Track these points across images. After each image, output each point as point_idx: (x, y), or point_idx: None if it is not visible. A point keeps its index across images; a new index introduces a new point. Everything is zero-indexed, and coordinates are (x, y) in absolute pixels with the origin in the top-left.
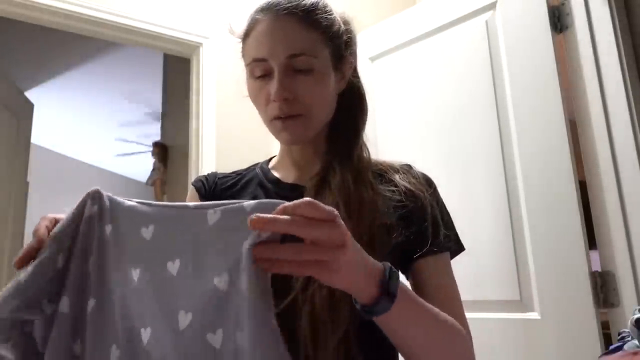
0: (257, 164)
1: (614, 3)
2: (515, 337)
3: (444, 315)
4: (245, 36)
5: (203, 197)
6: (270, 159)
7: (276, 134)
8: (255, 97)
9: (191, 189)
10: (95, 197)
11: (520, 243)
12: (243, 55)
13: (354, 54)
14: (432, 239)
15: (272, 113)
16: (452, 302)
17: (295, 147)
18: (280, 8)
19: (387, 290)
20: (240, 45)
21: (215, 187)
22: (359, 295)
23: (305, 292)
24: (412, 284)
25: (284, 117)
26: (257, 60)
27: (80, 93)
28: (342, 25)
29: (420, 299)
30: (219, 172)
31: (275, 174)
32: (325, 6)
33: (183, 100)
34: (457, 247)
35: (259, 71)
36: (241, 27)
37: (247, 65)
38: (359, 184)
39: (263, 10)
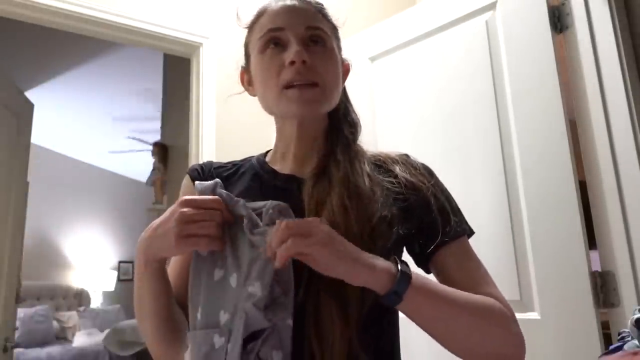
0: (252, 156)
1: (614, 3)
2: None
3: (473, 297)
4: (254, 22)
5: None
6: (267, 152)
7: (288, 104)
8: (267, 66)
9: (186, 178)
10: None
11: (520, 243)
12: (250, 38)
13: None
14: (443, 229)
15: (287, 78)
16: (481, 284)
17: (294, 139)
18: (292, 1)
19: (395, 286)
20: (246, 33)
21: (211, 177)
22: (372, 287)
23: (309, 289)
24: (437, 277)
25: (300, 85)
26: (272, 30)
27: (80, 93)
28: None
29: (437, 285)
30: (214, 161)
31: (272, 165)
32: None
33: (183, 100)
34: (469, 231)
35: (271, 40)
36: (249, 16)
37: (259, 38)
38: (356, 175)
39: (273, 2)
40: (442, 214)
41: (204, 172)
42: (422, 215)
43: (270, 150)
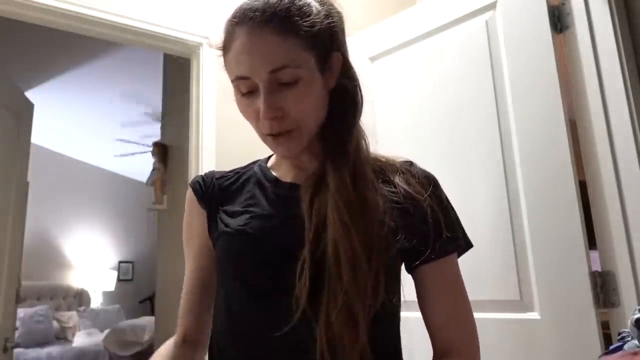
0: (256, 162)
1: (614, 3)
2: (515, 337)
3: None
4: (225, 50)
5: (200, 198)
6: (270, 156)
7: (272, 148)
8: (244, 113)
9: (189, 191)
10: None
11: (520, 243)
12: (226, 70)
13: (341, 45)
14: (433, 245)
15: (264, 130)
16: (448, 325)
17: None
18: (255, 19)
19: None
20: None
21: (213, 188)
22: None
23: (316, 305)
24: (416, 288)
25: (276, 134)
26: (240, 79)
27: (80, 93)
28: (324, 20)
29: None
30: (217, 170)
31: (274, 172)
32: (300, 8)
33: (183, 100)
34: (464, 246)
35: (245, 88)
36: (219, 38)
37: (232, 81)
38: (359, 183)
39: (238, 21)
40: (435, 228)
41: (206, 184)
42: (418, 227)
43: (273, 154)
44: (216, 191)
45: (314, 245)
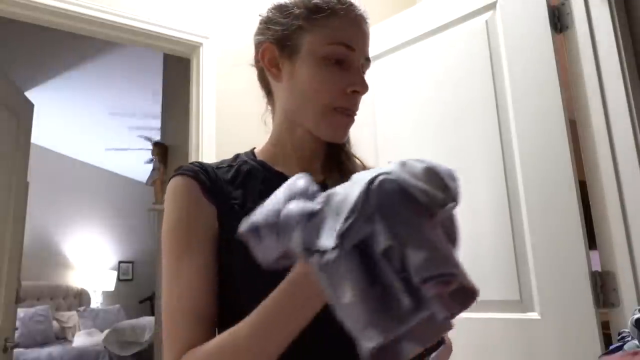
0: (238, 156)
1: (614, 3)
2: (515, 337)
3: None
4: (326, 12)
5: (208, 191)
6: (253, 150)
7: (326, 126)
8: (327, 81)
9: (187, 182)
10: None
11: (520, 243)
12: (312, 28)
13: None
14: None
15: (341, 104)
16: None
17: (304, 146)
18: (359, 8)
19: None
20: (301, 15)
21: (217, 180)
22: None
23: None
24: None
25: (348, 114)
26: (346, 46)
27: (80, 93)
28: None
29: None
30: (203, 162)
31: (274, 166)
32: None
33: (183, 100)
34: None
35: (339, 55)
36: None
37: (327, 44)
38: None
39: (342, 1)
40: None
41: (210, 176)
42: None
43: (258, 148)
44: (222, 184)
45: None
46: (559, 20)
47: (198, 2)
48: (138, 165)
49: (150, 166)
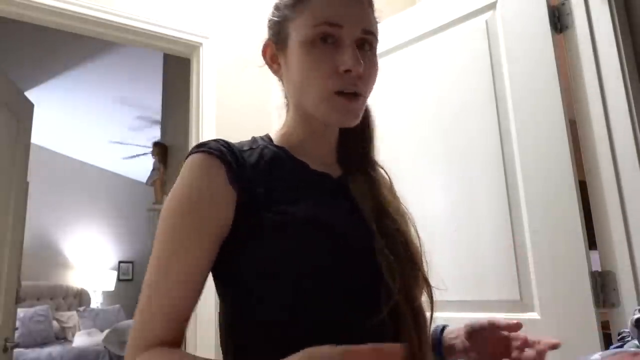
0: (255, 139)
1: (614, 3)
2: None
3: None
4: None
5: (234, 175)
6: (268, 136)
7: (329, 111)
8: (315, 65)
9: (210, 160)
10: None
11: (520, 243)
12: (296, 14)
13: None
14: None
15: (339, 86)
16: None
17: (321, 131)
18: None
19: None
20: (286, 5)
21: (244, 164)
22: None
23: (405, 297)
24: None
25: (347, 94)
26: (329, 25)
27: (80, 93)
28: None
29: None
30: (226, 140)
31: (295, 154)
32: None
33: (183, 100)
34: None
35: (325, 35)
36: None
37: (312, 26)
38: (383, 190)
39: None
40: None
41: (237, 158)
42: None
43: (272, 134)
44: (248, 169)
45: (380, 234)
46: (559, 20)
47: (198, 2)
48: (138, 165)
49: (151, 166)
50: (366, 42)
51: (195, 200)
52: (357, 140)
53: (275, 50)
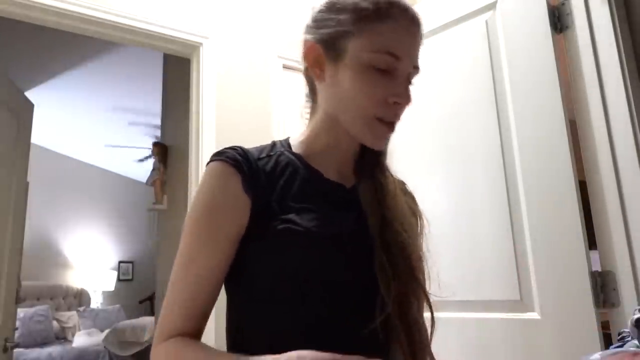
0: (274, 144)
1: (614, 3)
2: (515, 337)
3: None
4: (378, 15)
5: (248, 184)
6: (288, 140)
7: (368, 134)
8: (369, 89)
9: (225, 168)
10: None
11: (520, 243)
12: (360, 31)
13: None
14: None
15: (382, 114)
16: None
17: (344, 142)
18: (413, 12)
19: None
20: (348, 16)
21: (259, 172)
22: None
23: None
24: None
25: (389, 123)
26: (392, 55)
27: (80, 93)
28: None
29: None
30: (244, 147)
31: (311, 163)
32: None
33: (183, 100)
34: None
35: (384, 64)
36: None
37: (375, 52)
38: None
39: (396, 2)
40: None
41: (252, 166)
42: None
43: (293, 137)
44: (262, 178)
45: (381, 246)
46: (559, 20)
47: (198, 2)
48: (138, 165)
49: (150, 165)
50: (411, 75)
51: (213, 205)
52: (375, 152)
53: (322, 56)
